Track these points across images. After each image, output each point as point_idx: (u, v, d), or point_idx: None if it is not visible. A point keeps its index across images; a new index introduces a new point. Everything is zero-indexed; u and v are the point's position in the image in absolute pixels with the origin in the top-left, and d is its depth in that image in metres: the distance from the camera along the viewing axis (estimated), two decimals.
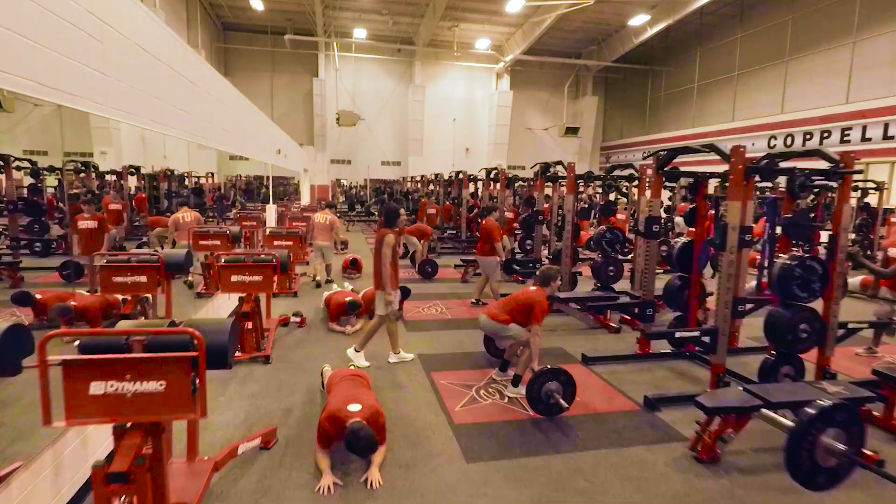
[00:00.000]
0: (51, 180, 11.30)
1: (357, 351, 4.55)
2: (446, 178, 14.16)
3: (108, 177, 14.18)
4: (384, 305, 4.40)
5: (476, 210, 11.07)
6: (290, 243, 6.86)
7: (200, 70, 4.46)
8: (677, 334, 3.75)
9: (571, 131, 25.68)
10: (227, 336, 2.21)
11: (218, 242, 6.60)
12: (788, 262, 3.65)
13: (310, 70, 23.71)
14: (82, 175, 12.33)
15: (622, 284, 6.32)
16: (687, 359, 4.81)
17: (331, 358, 4.63)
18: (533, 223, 8.33)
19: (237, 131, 6.51)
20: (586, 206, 13.88)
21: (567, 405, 3.47)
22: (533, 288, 4.15)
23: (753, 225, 3.86)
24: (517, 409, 3.73)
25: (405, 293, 5.94)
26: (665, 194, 9.66)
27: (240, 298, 4.26)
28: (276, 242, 6.82)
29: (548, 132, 27.59)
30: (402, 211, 4.72)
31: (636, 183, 6.44)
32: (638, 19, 20.22)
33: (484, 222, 6.61)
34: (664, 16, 19.35)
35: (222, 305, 5.23)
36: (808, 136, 16.17)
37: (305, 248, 8.53)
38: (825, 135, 15.50)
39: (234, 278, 4.24)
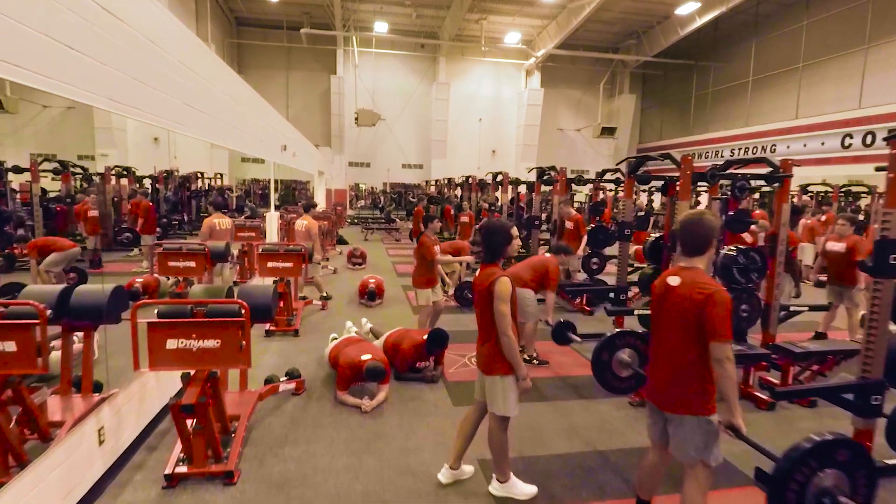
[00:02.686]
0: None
1: (503, 482, 2.64)
2: (479, 180, 12.31)
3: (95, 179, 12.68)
4: (511, 399, 2.51)
5: (523, 218, 9.18)
6: (289, 265, 5.09)
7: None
8: None
9: (608, 132, 23.67)
10: None
11: (192, 264, 4.91)
12: None
13: (327, 67, 22.28)
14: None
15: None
16: None
17: (337, 471, 2.81)
18: (607, 239, 6.44)
19: (223, 116, 4.81)
20: (641, 213, 11.92)
21: None
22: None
23: None
24: None
25: (442, 340, 4.12)
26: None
27: (184, 377, 2.50)
28: (269, 264, 5.06)
29: (580, 133, 25.63)
30: (514, 231, 2.70)
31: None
32: (686, 7, 18.24)
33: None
34: (717, 2, 17.31)
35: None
36: (893, 133, 13.87)
37: None
38: None
39: (171, 344, 2.47)
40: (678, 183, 4.26)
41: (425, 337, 4.12)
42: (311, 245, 5.77)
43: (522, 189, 11.23)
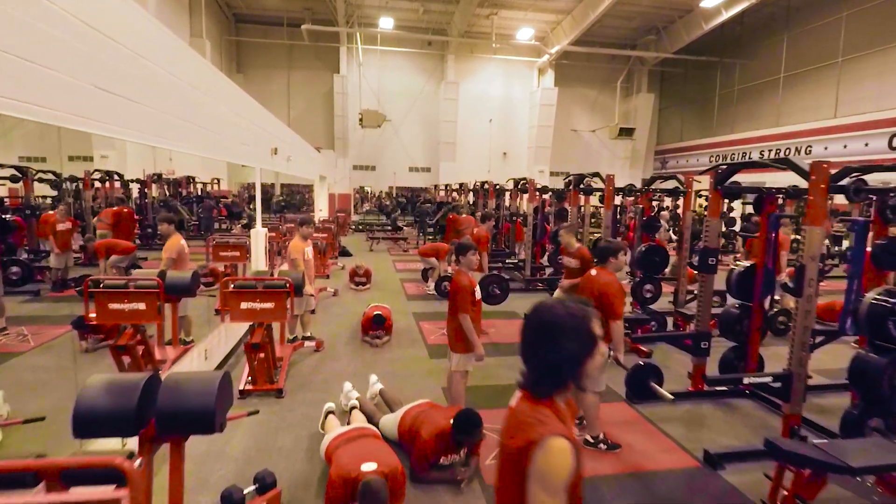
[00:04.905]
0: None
1: None
2: (497, 185, 11.09)
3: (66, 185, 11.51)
4: None
5: (549, 230, 7.94)
6: (269, 306, 3.88)
7: None
8: None
9: (626, 132, 22.38)
10: None
11: (142, 306, 3.73)
12: None
13: (330, 66, 21.19)
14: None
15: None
16: None
17: None
18: (664, 262, 5.22)
19: (178, 110, 3.64)
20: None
21: None
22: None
23: None
24: None
25: (471, 428, 2.88)
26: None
27: None
28: (244, 306, 3.86)
29: (595, 134, 24.40)
30: (596, 327, 1.15)
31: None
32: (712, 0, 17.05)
33: (595, 275, 3.25)
34: None
35: None
36: None
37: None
38: None
39: None
40: (808, 199, 3.04)
41: (452, 422, 2.90)
42: (300, 273, 4.56)
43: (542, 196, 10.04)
